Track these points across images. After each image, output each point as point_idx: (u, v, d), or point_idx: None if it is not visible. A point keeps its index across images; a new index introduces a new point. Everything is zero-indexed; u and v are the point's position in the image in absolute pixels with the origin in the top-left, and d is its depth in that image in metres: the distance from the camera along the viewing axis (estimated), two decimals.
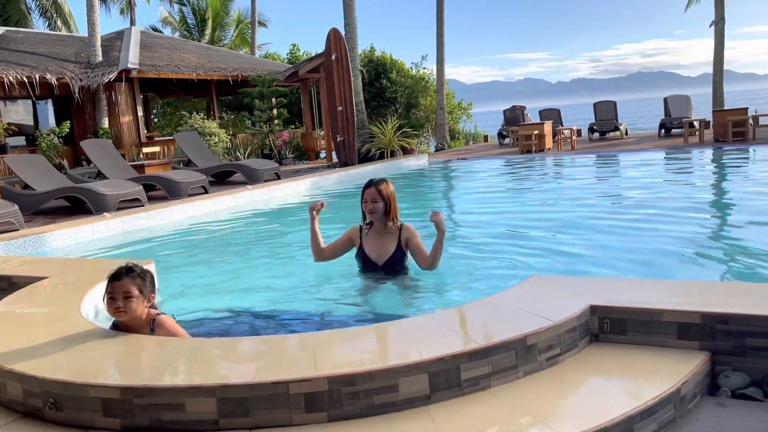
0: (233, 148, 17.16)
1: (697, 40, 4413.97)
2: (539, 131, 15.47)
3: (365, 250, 4.43)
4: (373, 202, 4.32)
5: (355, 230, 4.55)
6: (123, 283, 3.00)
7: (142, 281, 3.06)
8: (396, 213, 4.41)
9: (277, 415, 2.32)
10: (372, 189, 4.34)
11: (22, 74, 14.64)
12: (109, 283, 3.04)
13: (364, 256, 4.44)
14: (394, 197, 4.41)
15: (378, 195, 4.31)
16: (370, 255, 4.42)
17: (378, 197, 4.31)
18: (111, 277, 3.05)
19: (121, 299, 2.99)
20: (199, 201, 9.33)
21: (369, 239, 4.45)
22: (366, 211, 4.37)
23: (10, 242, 6.60)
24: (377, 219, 4.37)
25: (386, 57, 21.46)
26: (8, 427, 2.51)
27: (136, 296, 3.01)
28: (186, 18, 31.61)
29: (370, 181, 4.41)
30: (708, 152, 12.76)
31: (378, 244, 4.41)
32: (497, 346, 2.52)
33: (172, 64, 17.63)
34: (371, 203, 4.32)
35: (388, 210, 4.34)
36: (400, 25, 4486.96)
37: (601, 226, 6.30)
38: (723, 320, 2.65)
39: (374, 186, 4.34)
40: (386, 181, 4.41)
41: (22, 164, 10.43)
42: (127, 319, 3.04)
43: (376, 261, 4.40)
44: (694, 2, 22.75)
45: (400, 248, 4.38)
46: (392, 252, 4.37)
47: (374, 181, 4.38)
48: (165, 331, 3.06)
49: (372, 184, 4.37)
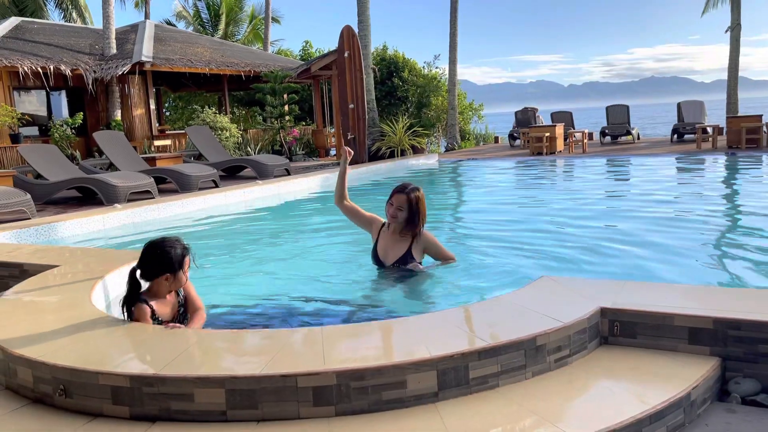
0: (244, 143, 17.21)
1: (712, 45, 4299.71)
2: (551, 133, 15.41)
3: (378, 247, 4.42)
4: (398, 210, 4.21)
5: (379, 222, 4.49)
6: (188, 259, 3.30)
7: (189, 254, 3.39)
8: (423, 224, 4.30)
9: (284, 408, 2.32)
10: (402, 196, 4.20)
11: (36, 65, 14.74)
12: (186, 258, 3.28)
13: (375, 252, 4.43)
14: (424, 208, 4.29)
15: (406, 204, 4.19)
16: (380, 253, 4.41)
17: (405, 206, 4.20)
18: (185, 254, 3.28)
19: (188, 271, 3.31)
20: (210, 195, 9.36)
21: (385, 236, 4.42)
22: (388, 213, 4.29)
23: (22, 230, 6.65)
24: (396, 224, 4.32)
25: (398, 56, 21.45)
26: (18, 412, 2.53)
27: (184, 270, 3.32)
28: (200, 12, 31.73)
29: (404, 186, 4.26)
30: (721, 158, 12.68)
31: (390, 245, 4.38)
32: (506, 346, 2.52)
33: (185, 58, 17.70)
34: (396, 209, 4.22)
35: (411, 221, 4.23)
36: (413, 25, 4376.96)
37: (611, 229, 6.27)
38: (735, 326, 2.63)
39: (405, 194, 4.20)
40: (419, 190, 4.25)
41: (35, 154, 10.50)
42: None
43: (383, 260, 4.39)
44: (711, 7, 22.60)
45: (410, 254, 4.33)
46: (400, 256, 4.33)
47: (407, 189, 4.22)
48: (189, 285, 3.38)
49: (404, 191, 4.22)
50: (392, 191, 4.29)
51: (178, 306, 3.33)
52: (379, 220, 4.53)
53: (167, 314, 3.24)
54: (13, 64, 14.37)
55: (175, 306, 3.30)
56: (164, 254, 3.18)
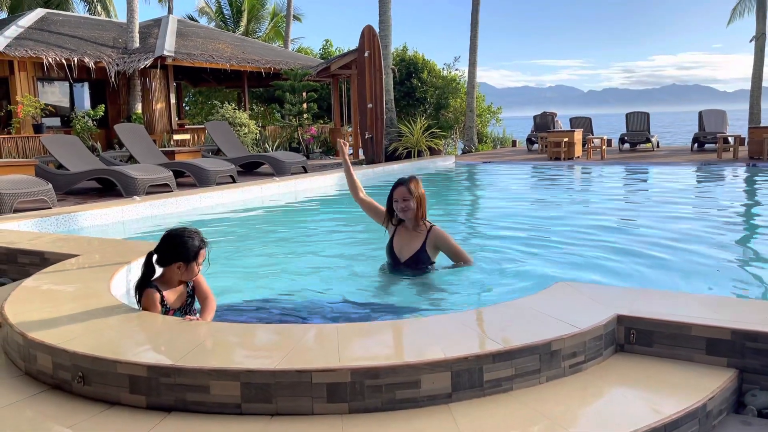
0: (262, 140, 17.31)
1: (736, 54, 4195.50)
2: (569, 139, 15.33)
3: (393, 243, 4.45)
4: (404, 201, 4.29)
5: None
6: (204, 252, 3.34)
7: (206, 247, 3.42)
8: (424, 213, 4.39)
9: (298, 403, 2.34)
10: (402, 188, 4.31)
11: (61, 56, 14.94)
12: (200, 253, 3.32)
13: (390, 249, 4.46)
14: (424, 197, 4.39)
15: (408, 194, 4.29)
16: (395, 250, 4.45)
17: (409, 196, 4.29)
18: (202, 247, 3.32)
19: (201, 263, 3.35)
20: (227, 190, 9.42)
21: (399, 234, 4.46)
22: (398, 210, 4.33)
23: (43, 219, 6.75)
24: (409, 218, 4.34)
25: (418, 57, 21.45)
26: (37, 398, 2.57)
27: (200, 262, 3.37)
28: (222, 9, 31.94)
29: (401, 180, 4.37)
30: (742, 169, 12.53)
31: (404, 242, 4.42)
32: (521, 350, 2.51)
33: (206, 53, 17.84)
34: (402, 202, 4.29)
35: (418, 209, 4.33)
36: (434, 26, 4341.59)
37: (628, 236, 6.23)
38: (753, 338, 2.61)
39: (404, 185, 4.31)
40: (416, 180, 4.38)
41: (57, 144, 10.65)
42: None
43: (398, 257, 4.41)
44: (738, 17, 22.36)
45: (424, 250, 4.35)
46: (415, 251, 4.36)
47: (404, 180, 4.34)
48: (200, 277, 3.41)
49: (402, 183, 4.33)
50: (391, 190, 4.37)
51: (187, 296, 3.39)
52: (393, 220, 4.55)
53: (176, 302, 3.32)
54: (38, 55, 14.58)
55: (183, 295, 3.37)
56: (182, 243, 3.25)
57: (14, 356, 2.90)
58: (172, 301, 3.30)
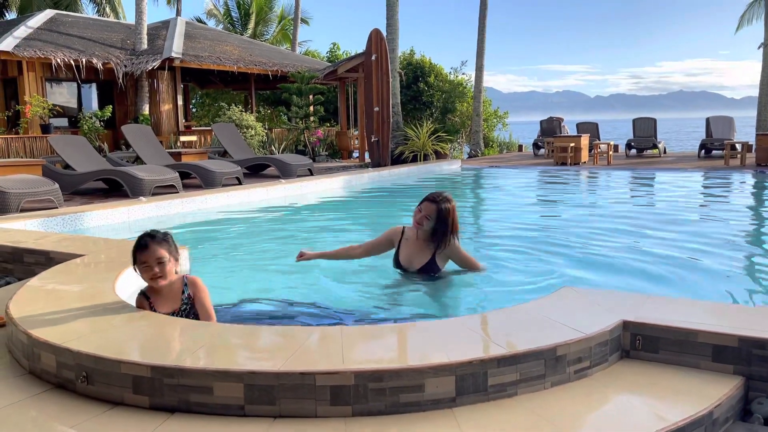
0: (268, 142, 17.34)
1: (743, 61, 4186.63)
2: (575, 144, 15.30)
3: (400, 255, 4.38)
4: (425, 218, 4.15)
5: (397, 232, 4.43)
6: (153, 250, 3.09)
7: (167, 243, 3.16)
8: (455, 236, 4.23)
9: (302, 405, 2.33)
10: (433, 206, 4.14)
11: (69, 57, 15.02)
12: (138, 253, 3.12)
13: (397, 259, 4.41)
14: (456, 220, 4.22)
15: (434, 214, 4.13)
16: (402, 260, 4.38)
17: (432, 216, 4.13)
18: (137, 248, 3.12)
19: (156, 265, 3.08)
20: (233, 191, 9.44)
21: (407, 244, 4.36)
22: (414, 218, 4.23)
23: (49, 219, 6.77)
24: (424, 230, 4.25)
25: (425, 60, 21.46)
26: (40, 397, 2.57)
27: (167, 258, 3.11)
28: (230, 11, 32.08)
29: (436, 195, 4.17)
30: (749, 176, 12.47)
31: (413, 252, 4.34)
32: (526, 354, 2.50)
33: (214, 55, 17.90)
34: (423, 217, 4.15)
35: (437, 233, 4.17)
36: (441, 30, 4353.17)
37: (634, 242, 6.20)
38: (761, 345, 2.59)
39: (436, 203, 4.13)
40: (451, 202, 4.17)
41: (65, 144, 10.69)
42: (165, 283, 3.12)
43: (406, 267, 4.37)
44: (746, 23, 22.29)
45: (434, 262, 4.29)
46: (424, 264, 4.31)
47: (438, 198, 4.15)
48: (200, 288, 3.20)
49: (435, 200, 4.14)
50: (424, 198, 4.22)
51: (181, 303, 3.21)
52: (396, 230, 4.45)
53: (164, 307, 3.18)
54: (47, 56, 14.66)
55: (174, 302, 3.20)
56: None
57: (18, 355, 2.91)
58: (161, 308, 3.18)
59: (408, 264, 4.35)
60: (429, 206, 4.16)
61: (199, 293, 3.21)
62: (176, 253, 3.20)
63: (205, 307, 3.21)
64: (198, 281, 3.24)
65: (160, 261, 3.09)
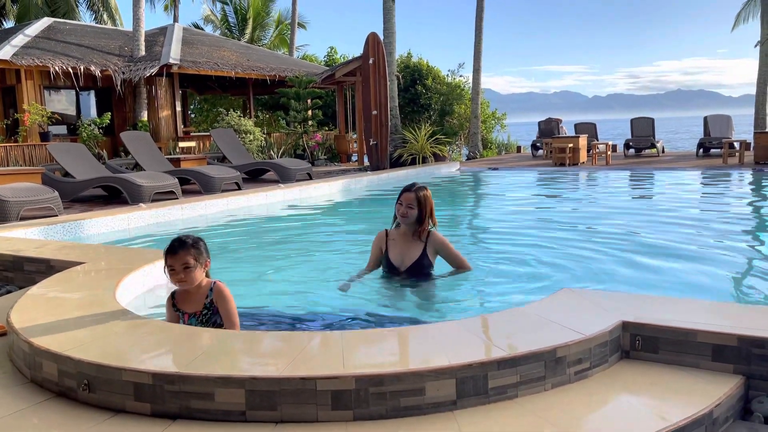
0: (267, 147, 17.36)
1: (741, 59, 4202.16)
2: (574, 144, 15.32)
3: (390, 255, 4.43)
4: (408, 208, 4.29)
5: (381, 236, 4.53)
6: (180, 256, 3.17)
7: (197, 250, 3.22)
8: (433, 221, 4.38)
9: (303, 410, 2.34)
10: (411, 194, 4.30)
11: (67, 65, 15.05)
12: (167, 256, 3.19)
13: (387, 261, 4.43)
14: (432, 206, 4.37)
15: (415, 202, 4.28)
16: (394, 261, 4.41)
17: (414, 204, 4.28)
18: (168, 251, 3.20)
19: (182, 270, 3.16)
20: (232, 197, 9.45)
21: (395, 244, 4.43)
22: (398, 214, 4.35)
23: (49, 227, 6.78)
24: (407, 224, 4.35)
25: (422, 63, 21.50)
26: (42, 405, 2.57)
27: (193, 265, 3.18)
28: (227, 17, 32.13)
29: (411, 185, 4.37)
30: (747, 174, 12.49)
31: (403, 250, 4.39)
32: (526, 357, 2.51)
33: (211, 61, 17.93)
34: (406, 208, 4.29)
35: (421, 219, 4.31)
36: (438, 33, 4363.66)
37: (633, 242, 6.21)
38: (760, 344, 2.59)
39: (413, 192, 4.30)
40: (426, 189, 4.37)
41: (64, 152, 10.70)
42: (189, 287, 3.22)
43: (398, 266, 4.39)
44: (742, 22, 22.34)
45: (426, 256, 4.35)
46: (416, 259, 4.35)
47: (414, 187, 4.34)
48: (224, 297, 3.24)
49: (412, 189, 4.32)
50: (400, 192, 4.37)
51: (203, 307, 3.27)
52: (380, 236, 4.55)
53: (187, 307, 3.27)
54: (45, 64, 14.69)
55: (197, 303, 3.27)
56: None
57: (20, 364, 2.91)
58: (183, 305, 3.27)
59: (400, 262, 4.39)
60: (408, 196, 4.31)
61: (222, 301, 3.25)
62: (205, 259, 3.27)
63: (228, 314, 3.25)
64: (223, 289, 3.27)
65: (186, 266, 3.16)
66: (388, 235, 4.50)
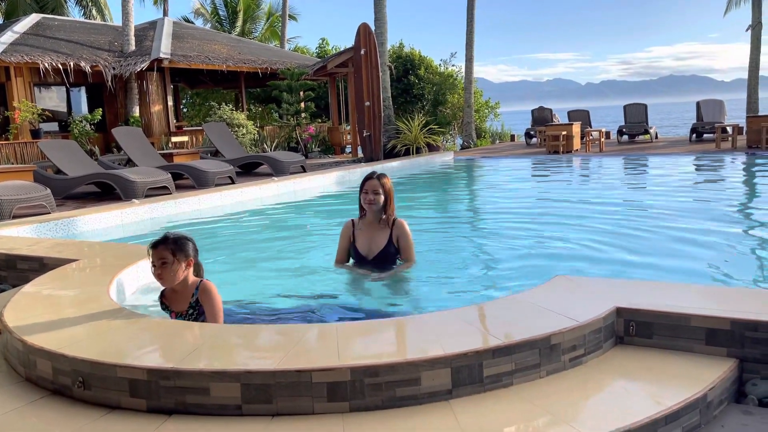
0: (260, 140, 17.29)
1: (732, 44, 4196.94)
2: (567, 132, 15.32)
3: (357, 244, 4.47)
4: (374, 194, 4.33)
5: (348, 226, 4.56)
6: (158, 251, 3.19)
7: (176, 246, 3.21)
8: (393, 208, 4.42)
9: (299, 402, 2.34)
10: (374, 181, 4.35)
11: (57, 61, 14.93)
12: (149, 251, 3.22)
13: (355, 250, 4.47)
14: (393, 192, 4.43)
15: (380, 188, 4.33)
16: (361, 249, 4.45)
17: (380, 190, 4.33)
18: (149, 246, 3.23)
19: (160, 266, 3.18)
20: (226, 191, 9.43)
21: (361, 233, 4.47)
22: (365, 202, 4.38)
23: (41, 225, 6.75)
24: (374, 211, 4.38)
25: (415, 53, 21.42)
26: (37, 403, 2.57)
27: (171, 261, 3.18)
28: (218, 10, 31.91)
29: (373, 173, 4.42)
30: (740, 158, 12.52)
31: (369, 239, 4.44)
32: (520, 344, 2.51)
33: (202, 55, 17.82)
34: (372, 194, 4.34)
35: (386, 204, 4.36)
36: (430, 22, 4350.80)
37: (627, 228, 6.22)
38: (753, 327, 2.61)
39: (376, 179, 4.36)
40: (386, 176, 4.44)
41: (55, 149, 10.64)
42: (166, 284, 3.23)
43: (365, 255, 4.43)
44: (734, 6, 22.32)
45: (392, 243, 4.39)
46: (383, 247, 4.39)
47: (376, 174, 4.39)
48: (209, 295, 3.24)
49: (374, 176, 4.37)
50: (362, 181, 4.40)
51: (189, 306, 3.25)
52: (347, 225, 4.58)
53: (175, 305, 3.28)
54: (34, 61, 14.57)
55: (183, 301, 3.26)
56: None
57: (14, 362, 2.90)
58: (171, 304, 3.30)
59: (367, 251, 4.43)
60: (372, 183, 4.36)
61: (207, 299, 3.24)
62: (188, 257, 3.25)
63: (212, 313, 3.24)
64: (209, 288, 3.26)
65: (163, 262, 3.17)
66: (355, 225, 4.53)
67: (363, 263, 4.43)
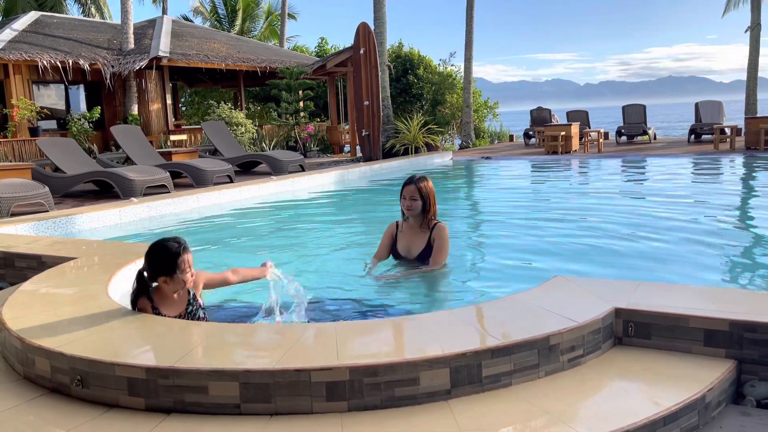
0: (259, 139, 17.28)
1: (731, 45, 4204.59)
2: (566, 132, 15.33)
3: (397, 246, 4.51)
4: (412, 200, 4.33)
5: (392, 227, 4.60)
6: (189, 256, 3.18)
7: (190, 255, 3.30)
8: (434, 212, 4.41)
9: (298, 402, 2.34)
10: (412, 187, 4.34)
11: (55, 59, 14.90)
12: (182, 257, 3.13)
13: (395, 251, 4.50)
14: (434, 196, 4.41)
15: (417, 193, 4.32)
16: (401, 251, 4.50)
17: (417, 195, 4.32)
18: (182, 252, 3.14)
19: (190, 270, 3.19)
20: (224, 190, 9.42)
21: (403, 235, 4.51)
22: (404, 208, 4.39)
23: (40, 223, 6.74)
24: (413, 216, 4.38)
25: (414, 53, 21.42)
26: (35, 401, 2.57)
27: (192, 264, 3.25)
28: (217, 8, 31.87)
29: (411, 178, 4.39)
30: (738, 159, 12.54)
31: (409, 241, 4.47)
32: (519, 345, 2.51)
33: (201, 53, 17.79)
34: (409, 200, 4.33)
35: (426, 209, 4.34)
36: (429, 22, 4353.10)
37: (626, 229, 6.23)
38: (751, 329, 2.61)
39: (414, 184, 4.33)
40: (426, 179, 4.40)
41: (54, 147, 10.62)
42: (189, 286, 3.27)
43: (405, 256, 4.46)
44: (732, 7, 22.35)
45: (430, 246, 4.38)
46: (421, 249, 4.40)
47: (414, 179, 4.36)
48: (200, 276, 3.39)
49: (412, 181, 4.35)
50: (402, 185, 4.40)
51: (187, 304, 3.24)
52: (392, 226, 4.61)
53: (172, 312, 3.18)
54: (33, 58, 14.54)
55: (181, 304, 3.22)
56: (159, 257, 3.10)
57: (12, 361, 2.90)
58: (167, 311, 3.17)
59: (407, 252, 4.48)
60: (410, 189, 4.35)
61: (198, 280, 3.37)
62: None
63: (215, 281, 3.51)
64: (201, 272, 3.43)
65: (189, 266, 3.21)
66: (399, 227, 4.56)
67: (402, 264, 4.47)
